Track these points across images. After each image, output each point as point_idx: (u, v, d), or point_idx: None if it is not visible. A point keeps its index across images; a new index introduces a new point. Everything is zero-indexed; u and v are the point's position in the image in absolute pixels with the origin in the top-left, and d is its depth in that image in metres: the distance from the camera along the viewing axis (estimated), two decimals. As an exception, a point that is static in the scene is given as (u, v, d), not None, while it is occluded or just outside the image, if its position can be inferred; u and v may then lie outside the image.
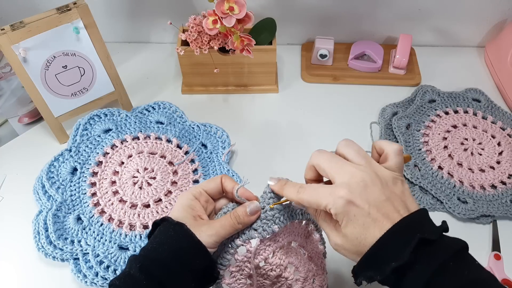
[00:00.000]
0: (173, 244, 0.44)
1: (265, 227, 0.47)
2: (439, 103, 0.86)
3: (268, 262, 0.50)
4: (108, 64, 0.79)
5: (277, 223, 0.47)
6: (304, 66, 0.95)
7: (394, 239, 0.39)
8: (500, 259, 0.66)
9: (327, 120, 0.86)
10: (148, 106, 0.83)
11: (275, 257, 0.50)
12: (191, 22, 0.76)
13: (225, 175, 0.51)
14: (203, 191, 0.49)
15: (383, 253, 0.39)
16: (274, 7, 0.92)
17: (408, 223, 0.39)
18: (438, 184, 0.74)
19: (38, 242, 0.65)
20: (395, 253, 0.38)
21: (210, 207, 0.50)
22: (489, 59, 0.96)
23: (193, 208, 0.47)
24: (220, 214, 0.49)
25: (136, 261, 0.43)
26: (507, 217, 0.71)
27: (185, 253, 0.43)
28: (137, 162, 0.73)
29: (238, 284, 0.50)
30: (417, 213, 0.41)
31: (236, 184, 0.49)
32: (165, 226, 0.45)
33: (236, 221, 0.46)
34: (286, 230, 0.50)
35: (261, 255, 0.49)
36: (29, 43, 0.70)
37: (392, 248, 0.38)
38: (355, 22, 0.96)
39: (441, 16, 0.95)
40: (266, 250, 0.49)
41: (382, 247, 0.39)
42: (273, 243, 0.49)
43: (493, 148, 0.79)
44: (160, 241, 0.44)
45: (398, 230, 0.39)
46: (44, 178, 0.71)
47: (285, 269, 0.51)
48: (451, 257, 0.37)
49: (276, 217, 0.47)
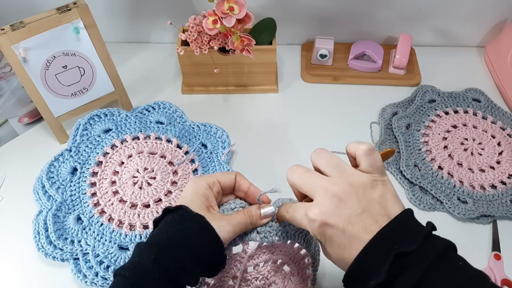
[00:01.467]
0: (190, 236, 0.41)
1: (267, 235, 0.47)
2: (439, 103, 0.86)
3: (256, 270, 0.50)
4: (108, 64, 0.79)
5: (278, 236, 0.47)
6: (304, 66, 0.95)
7: (372, 256, 0.37)
8: (500, 259, 0.65)
9: (327, 120, 0.86)
10: (148, 106, 0.83)
11: (265, 268, 0.49)
12: (191, 22, 0.76)
13: (239, 174, 0.49)
14: (216, 182, 0.47)
15: (362, 272, 0.38)
16: (274, 7, 0.92)
17: (386, 234, 0.37)
18: (438, 184, 0.74)
19: (38, 242, 0.65)
20: (373, 271, 0.36)
21: (218, 199, 0.49)
22: (489, 59, 0.96)
23: (207, 198, 0.45)
24: (227, 209, 0.48)
25: (149, 252, 0.40)
26: (507, 217, 0.71)
27: (202, 246, 0.42)
28: (137, 162, 0.73)
29: (221, 281, 0.49)
30: (398, 218, 0.38)
31: (254, 187, 0.49)
32: (181, 215, 0.42)
33: (250, 220, 0.46)
34: (284, 249, 0.50)
35: (254, 259, 0.49)
36: (29, 43, 0.70)
37: (370, 266, 0.37)
38: (355, 22, 0.96)
39: (441, 16, 0.95)
40: (260, 257, 0.49)
41: (359, 266, 0.38)
42: (268, 252, 0.49)
43: (493, 148, 0.79)
44: (176, 231, 0.41)
45: (375, 245, 0.37)
46: (44, 178, 0.71)
47: (268, 286, 0.50)
48: (429, 267, 0.35)
49: (280, 229, 0.48)
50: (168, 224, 0.42)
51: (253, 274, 0.50)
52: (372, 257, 0.37)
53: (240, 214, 0.46)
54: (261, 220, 0.46)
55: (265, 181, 0.76)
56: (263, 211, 0.46)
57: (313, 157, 0.43)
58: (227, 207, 0.48)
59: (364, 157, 0.41)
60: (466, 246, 0.69)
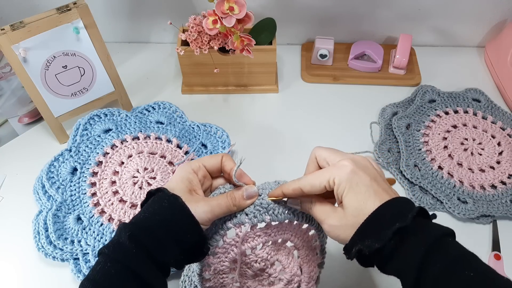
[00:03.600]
0: (165, 215, 0.43)
1: (257, 214, 0.47)
2: (439, 103, 0.86)
3: (254, 253, 0.50)
4: (108, 64, 0.79)
5: (270, 214, 0.47)
6: (304, 66, 0.95)
7: (395, 207, 0.41)
8: (500, 259, 0.66)
9: (327, 120, 0.86)
10: (148, 106, 0.83)
11: (263, 250, 0.50)
12: (191, 22, 0.76)
13: (226, 155, 0.50)
14: (202, 166, 0.48)
15: (384, 219, 0.40)
16: (274, 7, 0.92)
17: (405, 199, 0.42)
18: (438, 184, 0.74)
19: (38, 242, 0.65)
20: (395, 219, 0.39)
21: (207, 183, 0.50)
22: (489, 59, 0.96)
23: (190, 182, 0.47)
24: (216, 193, 0.49)
25: (126, 229, 0.42)
26: (507, 217, 0.71)
27: (176, 225, 0.43)
28: (137, 162, 0.73)
29: (221, 266, 0.49)
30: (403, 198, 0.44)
31: (234, 165, 0.49)
32: (160, 197, 0.44)
33: (232, 202, 0.46)
34: (282, 227, 0.50)
35: (248, 242, 0.49)
36: (29, 43, 0.70)
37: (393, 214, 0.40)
38: (355, 22, 0.96)
39: (441, 16, 0.95)
40: (255, 240, 0.49)
41: (384, 212, 0.40)
42: (263, 235, 0.49)
43: (493, 148, 0.79)
44: (153, 211, 0.43)
45: (398, 202, 0.41)
46: (44, 178, 0.71)
47: (270, 265, 0.51)
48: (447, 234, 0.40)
49: (271, 207, 0.47)
50: (147, 205, 0.45)
51: (251, 258, 0.50)
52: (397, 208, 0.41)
53: (223, 196, 0.47)
54: (244, 201, 0.47)
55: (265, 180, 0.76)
56: (246, 192, 0.47)
57: (325, 149, 0.46)
58: (217, 192, 0.49)
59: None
60: (466, 246, 0.69)
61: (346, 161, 0.43)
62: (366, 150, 0.80)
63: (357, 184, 0.41)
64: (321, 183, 0.43)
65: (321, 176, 0.43)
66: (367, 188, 0.41)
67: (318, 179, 0.43)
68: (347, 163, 0.42)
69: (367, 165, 0.44)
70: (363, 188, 0.41)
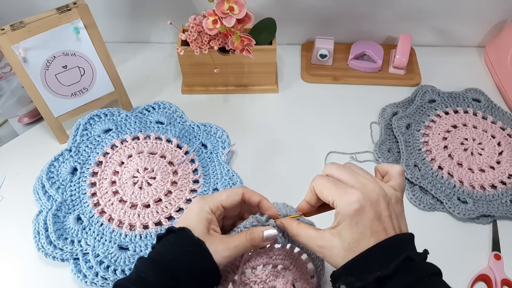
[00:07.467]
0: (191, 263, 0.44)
1: None
2: (439, 103, 0.86)
3: (254, 273, 0.50)
4: (108, 64, 0.79)
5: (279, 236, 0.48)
6: (304, 66, 0.95)
7: (384, 251, 0.41)
8: (500, 259, 0.65)
9: (327, 120, 0.86)
10: (148, 106, 0.83)
11: (263, 272, 0.50)
12: (191, 22, 0.76)
13: (245, 188, 0.50)
14: (220, 206, 0.49)
15: (370, 261, 0.41)
16: (274, 7, 0.92)
17: (399, 241, 0.43)
18: (438, 184, 0.74)
19: (38, 242, 0.65)
20: (380, 264, 0.40)
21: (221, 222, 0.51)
22: (489, 59, 0.96)
23: (210, 222, 0.48)
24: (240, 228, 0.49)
25: (154, 270, 0.43)
26: (507, 217, 0.71)
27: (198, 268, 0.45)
28: (137, 162, 0.73)
29: (220, 285, 0.49)
30: (407, 234, 0.44)
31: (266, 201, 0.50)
32: (185, 239, 0.46)
33: (251, 244, 0.47)
34: (283, 253, 0.51)
35: (250, 262, 0.49)
36: (29, 43, 0.70)
37: (379, 259, 0.41)
38: (355, 22, 0.96)
39: (441, 16, 0.95)
40: (256, 260, 0.49)
41: (371, 255, 0.41)
42: (265, 256, 0.49)
43: (493, 148, 0.79)
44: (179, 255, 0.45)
45: (389, 244, 0.42)
46: (44, 178, 0.71)
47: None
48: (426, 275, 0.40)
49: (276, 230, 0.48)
50: (172, 246, 0.46)
51: (251, 278, 0.50)
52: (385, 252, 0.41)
53: (242, 236, 0.47)
54: (263, 243, 0.48)
55: (265, 180, 0.76)
56: (266, 234, 0.48)
57: (339, 168, 0.46)
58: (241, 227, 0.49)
59: (398, 176, 0.47)
60: (466, 246, 0.69)
61: (356, 194, 0.42)
62: (366, 150, 0.80)
63: (356, 223, 0.42)
64: (323, 199, 0.45)
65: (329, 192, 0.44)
66: (365, 229, 0.42)
67: (322, 193, 0.45)
68: (356, 197, 0.42)
69: (379, 199, 0.43)
70: (361, 229, 0.42)
